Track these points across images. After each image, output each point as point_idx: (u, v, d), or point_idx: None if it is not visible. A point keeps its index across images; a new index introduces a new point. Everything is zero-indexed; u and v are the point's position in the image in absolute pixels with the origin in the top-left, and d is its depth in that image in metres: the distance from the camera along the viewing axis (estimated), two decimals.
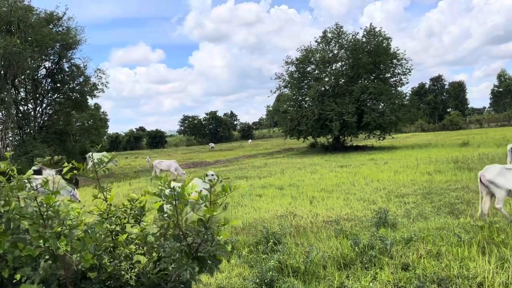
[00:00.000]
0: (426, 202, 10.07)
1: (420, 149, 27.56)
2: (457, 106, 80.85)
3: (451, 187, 11.77)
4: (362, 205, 10.35)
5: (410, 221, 8.10)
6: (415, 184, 12.96)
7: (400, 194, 11.32)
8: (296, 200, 11.79)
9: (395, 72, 33.85)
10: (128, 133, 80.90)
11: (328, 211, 9.81)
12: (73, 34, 28.20)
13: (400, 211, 9.25)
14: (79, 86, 29.73)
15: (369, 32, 33.06)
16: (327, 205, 10.77)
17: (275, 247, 6.32)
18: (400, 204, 10.03)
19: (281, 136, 52.13)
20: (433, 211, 8.94)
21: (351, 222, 8.41)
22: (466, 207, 8.88)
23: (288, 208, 10.58)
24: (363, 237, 6.97)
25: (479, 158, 18.21)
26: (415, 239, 6.31)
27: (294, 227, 7.94)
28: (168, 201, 1.96)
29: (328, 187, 13.55)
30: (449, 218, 7.99)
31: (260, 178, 17.68)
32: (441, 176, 14.02)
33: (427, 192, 11.33)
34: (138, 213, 2.71)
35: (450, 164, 16.77)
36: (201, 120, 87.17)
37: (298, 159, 27.08)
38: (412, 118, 35.33)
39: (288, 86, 35.53)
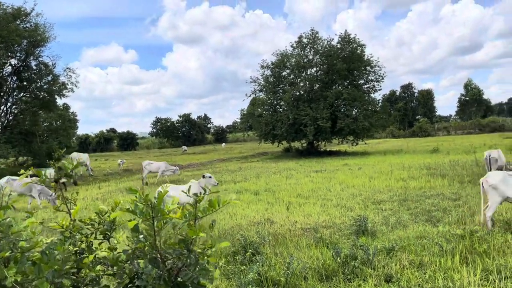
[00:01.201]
0: (403, 209, 10.01)
1: (392, 155, 27.90)
2: (425, 114, 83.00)
3: (426, 194, 11.80)
4: (340, 211, 10.20)
5: (389, 229, 7.97)
6: (390, 190, 12.95)
7: (377, 201, 11.24)
8: (272, 206, 11.54)
9: (369, 79, 34.26)
10: (98, 134, 78.85)
11: (306, 218, 9.60)
12: (42, 31, 27.15)
13: (378, 218, 9.13)
14: (47, 85, 28.64)
15: (343, 39, 33.35)
16: (304, 211, 10.56)
17: (254, 258, 6.03)
18: (378, 211, 9.94)
19: (255, 140, 52.01)
20: (411, 218, 8.86)
21: (330, 230, 8.22)
22: (443, 215, 8.84)
23: (265, 214, 10.32)
24: (343, 246, 6.79)
25: (451, 165, 18.50)
26: (397, 249, 6.15)
27: (272, 235, 7.67)
28: (144, 219, 1.65)
29: (304, 193, 13.37)
30: (428, 226, 7.92)
31: (235, 183, 17.36)
32: (415, 182, 14.10)
33: (403, 199, 11.30)
34: (107, 228, 2.37)
35: (423, 171, 16.94)
36: (174, 122, 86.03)
37: (273, 164, 26.90)
38: (384, 124, 35.88)
39: (263, 90, 35.35)
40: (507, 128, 59.61)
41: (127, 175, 25.59)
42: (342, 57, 32.49)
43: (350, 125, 30.51)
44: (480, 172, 15.00)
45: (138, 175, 24.40)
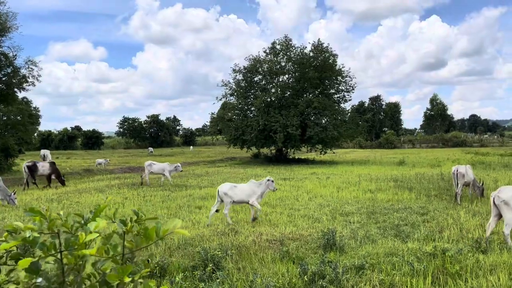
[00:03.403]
0: (371, 222, 9.79)
1: (359, 166, 28.05)
2: (392, 126, 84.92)
3: (394, 207, 11.65)
4: (307, 222, 9.86)
5: (357, 244, 7.68)
6: (358, 202, 12.76)
7: (345, 212, 10.99)
8: (237, 214, 11.09)
9: (339, 89, 34.52)
10: (61, 131, 75.79)
11: (272, 229, 9.19)
12: (3, 20, 25.63)
13: (346, 231, 8.84)
14: (6, 77, 27.02)
15: (316, 47, 33.44)
16: (270, 221, 10.16)
17: (214, 274, 5.54)
18: (345, 224, 9.66)
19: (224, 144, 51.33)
20: (379, 232, 8.62)
21: (297, 242, 7.84)
22: (411, 230, 8.64)
23: (229, 223, 9.84)
24: (310, 261, 6.41)
25: (417, 178, 18.62)
26: (366, 267, 5.82)
27: (236, 247, 7.20)
28: (47, 254, 1.17)
29: (271, 201, 12.97)
30: (397, 242, 7.67)
31: (201, 188, 16.79)
32: (383, 194, 13.99)
33: (371, 211, 11.11)
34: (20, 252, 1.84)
35: (390, 183, 16.94)
36: (141, 122, 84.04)
37: (241, 169, 26.44)
38: (353, 134, 36.14)
39: (235, 94, 34.94)
40: (468, 144, 61.68)
41: (87, 175, 24.44)
42: (314, 65, 32.54)
43: (319, 133, 30.52)
44: (446, 187, 15.12)
45: (99, 176, 23.36)
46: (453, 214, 10.22)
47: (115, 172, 25.44)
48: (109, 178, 21.56)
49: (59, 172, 19.12)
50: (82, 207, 12.77)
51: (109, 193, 15.87)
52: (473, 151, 42.25)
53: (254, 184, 10.29)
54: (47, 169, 18.70)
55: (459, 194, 12.07)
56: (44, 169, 18.64)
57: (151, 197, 14.53)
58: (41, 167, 18.62)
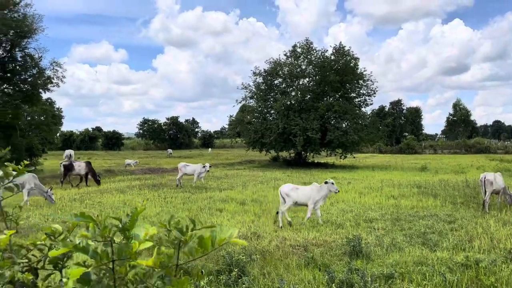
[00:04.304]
0: (396, 229, 9.55)
1: (380, 171, 27.62)
2: (412, 131, 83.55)
3: (419, 214, 11.37)
4: (330, 228, 9.69)
5: (383, 251, 7.48)
6: (381, 208, 12.51)
7: (368, 219, 10.77)
8: (259, 218, 10.98)
9: (361, 93, 34.10)
10: (83, 132, 77.17)
11: (295, 234, 9.05)
12: (30, 22, 26.22)
13: (370, 238, 8.64)
14: (31, 78, 27.63)
15: (338, 51, 33.16)
16: (293, 226, 10.03)
17: (240, 279, 5.44)
18: (370, 230, 9.45)
19: (242, 147, 51.27)
20: (406, 240, 8.39)
21: (321, 248, 7.68)
22: (439, 238, 8.38)
23: (251, 227, 9.74)
24: (336, 268, 6.26)
25: (441, 184, 18.19)
26: (396, 276, 5.64)
27: (260, 252, 7.10)
28: (99, 263, 1.10)
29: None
30: (425, 250, 7.44)
31: (221, 191, 16.75)
32: (406, 201, 13.69)
33: (396, 218, 10.85)
34: (59, 256, 1.77)
35: (413, 189, 16.58)
36: (161, 124, 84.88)
37: (260, 172, 26.35)
38: (374, 139, 35.63)
39: (254, 97, 34.90)
40: (492, 151, 60.16)
41: (108, 175, 24.70)
42: (335, 69, 32.24)
43: (339, 137, 30.19)
44: (472, 194, 14.70)
45: (120, 176, 23.59)
46: (482, 223, 9.89)
47: (136, 173, 25.66)
48: (129, 179, 21.76)
49: (94, 172, 19.49)
50: (104, 207, 12.87)
51: (130, 194, 15.98)
52: (497, 158, 41.16)
53: (316, 187, 10.34)
54: (83, 168, 19.08)
55: (487, 202, 11.70)
56: (80, 169, 19.02)
57: (172, 199, 14.56)
58: (77, 167, 19.02)
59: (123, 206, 12.98)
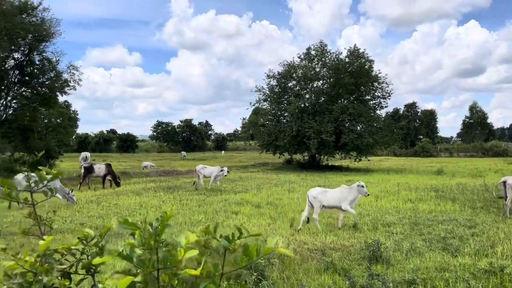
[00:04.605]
0: (415, 233, 9.41)
1: (396, 174, 27.31)
2: (427, 134, 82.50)
3: (437, 218, 11.18)
4: (348, 232, 9.60)
5: (403, 256, 7.36)
6: (399, 212, 12.35)
7: (386, 223, 10.64)
8: (275, 222, 10.94)
9: (375, 95, 33.83)
10: (98, 134, 78.06)
11: (312, 237, 8.98)
12: (48, 26, 26.65)
13: (389, 242, 8.51)
14: (49, 81, 28.07)
15: (352, 53, 32.97)
16: (310, 229, 9.96)
17: (261, 283, 5.40)
18: (388, 235, 9.33)
19: (256, 149, 51.21)
20: (425, 245, 8.25)
21: (339, 253, 7.60)
22: (460, 243, 8.22)
23: (267, 230, 9.71)
24: (356, 273, 6.18)
25: (459, 188, 17.88)
26: (418, 282, 5.54)
27: (278, 255, 7.04)
28: (144, 271, 1.07)
29: None
30: (446, 256, 7.30)
31: (236, 193, 16.74)
32: (424, 205, 13.50)
33: (414, 222, 10.69)
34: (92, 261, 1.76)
35: (431, 193, 16.33)
36: (175, 127, 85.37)
37: (274, 175, 26.28)
38: (389, 142, 35.25)
39: (268, 100, 34.89)
40: (510, 154, 59.02)
41: (123, 177, 24.90)
42: (349, 71, 32.06)
43: (354, 140, 29.96)
44: (491, 198, 14.41)
45: (135, 179, 23.76)
46: (503, 228, 9.67)
47: (151, 175, 25.84)
48: (145, 181, 21.91)
49: (114, 174, 19.73)
50: (121, 209, 12.97)
51: (145, 196, 16.08)
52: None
53: (345, 189, 10.28)
54: (103, 170, 19.35)
55: (508, 207, 11.46)
56: (100, 171, 19.29)
57: (187, 201, 14.60)
58: (97, 169, 19.30)
59: (139, 208, 13.07)
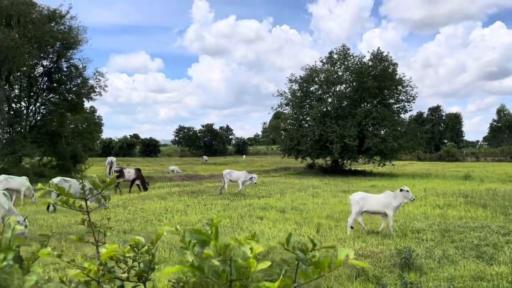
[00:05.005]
0: (446, 240, 9.17)
1: (421, 179, 26.77)
2: (452, 138, 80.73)
3: (469, 225, 10.87)
4: (376, 238, 9.43)
5: (436, 264, 7.18)
6: (427, 218, 12.08)
7: (415, 229, 10.40)
8: (301, 227, 10.84)
9: (399, 99, 33.31)
10: (121, 139, 79.47)
11: (340, 243, 8.87)
12: (75, 34, 27.39)
13: (419, 249, 8.32)
14: (76, 87, 28.80)
15: (375, 56, 32.60)
16: (336, 235, 9.84)
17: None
18: (418, 241, 9.12)
19: (276, 153, 51.06)
20: (458, 252, 8.03)
21: (368, 260, 7.47)
22: (494, 251, 7.97)
23: (293, 235, 9.60)
24: (388, 281, 6.05)
25: (489, 194, 17.37)
26: None
27: None
28: (220, 283, 1.05)
29: (334, 214, 12.61)
30: (481, 264, 7.08)
31: (259, 198, 16.71)
32: (453, 211, 13.16)
33: (444, 229, 10.42)
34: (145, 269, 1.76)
35: (460, 198, 15.92)
36: (196, 131, 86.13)
37: (297, 180, 26.13)
38: (414, 146, 34.59)
39: (290, 104, 34.79)
40: None
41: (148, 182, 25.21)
42: (373, 75, 31.69)
43: (378, 145, 29.54)
44: None
45: (159, 183, 24.01)
46: None
47: (174, 180, 26.09)
48: (169, 186, 22.11)
49: (143, 179, 20.09)
50: (147, 213, 13.10)
51: (170, 200, 16.22)
52: None
53: (389, 195, 10.08)
54: (132, 175, 19.74)
55: None
56: (130, 175, 19.67)
57: (212, 206, 14.65)
58: (127, 173, 19.69)
59: (165, 213, 13.18)
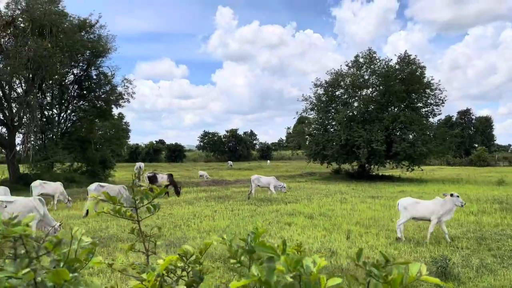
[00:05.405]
0: (482, 249, 8.85)
1: (452, 184, 26.05)
2: (483, 142, 78.35)
3: (505, 232, 10.48)
4: (408, 246, 9.19)
5: (474, 273, 6.92)
6: (462, 225, 11.71)
7: (449, 236, 10.08)
8: (330, 234, 10.68)
9: (428, 102, 32.57)
10: (148, 145, 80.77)
11: (371, 251, 8.69)
12: (104, 42, 28.08)
13: (455, 258, 8.06)
14: (105, 94, 29.49)
15: (403, 60, 32.02)
16: (367, 242, 9.64)
17: None
18: (453, 249, 8.84)
19: (301, 158, 50.71)
20: (496, 261, 7.74)
21: None
22: None
23: (324, 243, 9.49)
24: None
25: None
26: None
27: (339, 269, 6.85)
28: None
29: (364, 221, 12.38)
30: None
31: (286, 203, 16.60)
32: (488, 218, 12.73)
33: (479, 236, 10.08)
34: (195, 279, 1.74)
35: (494, 205, 15.39)
36: (221, 137, 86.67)
37: (323, 185, 25.87)
38: (443, 151, 33.66)
39: (315, 108, 34.54)
40: None
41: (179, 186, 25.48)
42: (400, 78, 31.13)
43: (406, 149, 28.90)
44: None
45: (186, 188, 24.22)
46: None
47: (201, 185, 26.27)
48: (196, 191, 22.28)
49: (176, 183, 20.43)
50: (176, 219, 13.21)
51: (198, 205, 16.32)
52: None
53: (439, 201, 9.87)
54: (165, 180, 20.10)
55: None
56: (163, 180, 20.04)
57: (239, 211, 14.65)
58: (160, 178, 20.11)
59: (193, 218, 13.26)
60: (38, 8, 23.83)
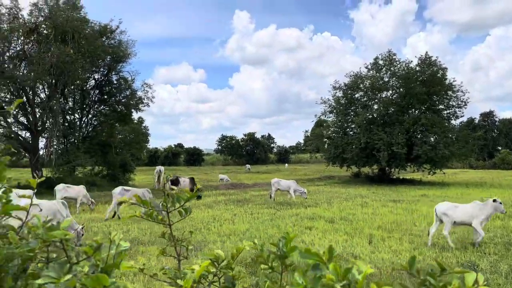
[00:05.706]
0: (511, 254, 8.57)
1: (476, 188, 25.44)
2: (507, 144, 76.38)
3: None
4: (434, 251, 8.98)
5: (503, 280, 6.70)
6: (488, 230, 11.38)
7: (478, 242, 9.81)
8: (352, 238, 10.53)
9: (450, 104, 31.93)
10: (167, 148, 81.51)
11: (395, 256, 8.51)
12: (124, 48, 28.48)
13: (483, 263, 7.82)
14: (125, 99, 29.87)
15: (423, 61, 31.52)
16: (390, 247, 9.45)
17: None
18: (480, 255, 8.58)
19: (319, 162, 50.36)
20: None
21: None
22: None
23: (345, 247, 9.35)
24: None
25: None
26: None
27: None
28: None
29: (386, 225, 12.17)
30: None
31: (306, 207, 16.47)
32: None
33: (507, 242, 9.79)
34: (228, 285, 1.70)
35: None
36: (239, 140, 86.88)
37: (342, 189, 25.61)
38: (466, 154, 32.89)
39: (334, 111, 34.27)
40: None
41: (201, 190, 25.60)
42: (421, 80, 30.63)
43: (428, 152, 28.36)
44: None
45: (205, 192, 24.31)
46: None
47: (220, 188, 26.33)
48: (214, 194, 22.33)
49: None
50: (195, 222, 13.24)
51: (217, 209, 16.33)
52: None
53: (478, 205, 9.62)
54: (187, 184, 20.36)
55: None
56: (185, 184, 20.31)
57: (259, 215, 14.59)
58: (183, 182, 20.38)
59: (213, 221, 13.26)
60: (60, 15, 24.33)
